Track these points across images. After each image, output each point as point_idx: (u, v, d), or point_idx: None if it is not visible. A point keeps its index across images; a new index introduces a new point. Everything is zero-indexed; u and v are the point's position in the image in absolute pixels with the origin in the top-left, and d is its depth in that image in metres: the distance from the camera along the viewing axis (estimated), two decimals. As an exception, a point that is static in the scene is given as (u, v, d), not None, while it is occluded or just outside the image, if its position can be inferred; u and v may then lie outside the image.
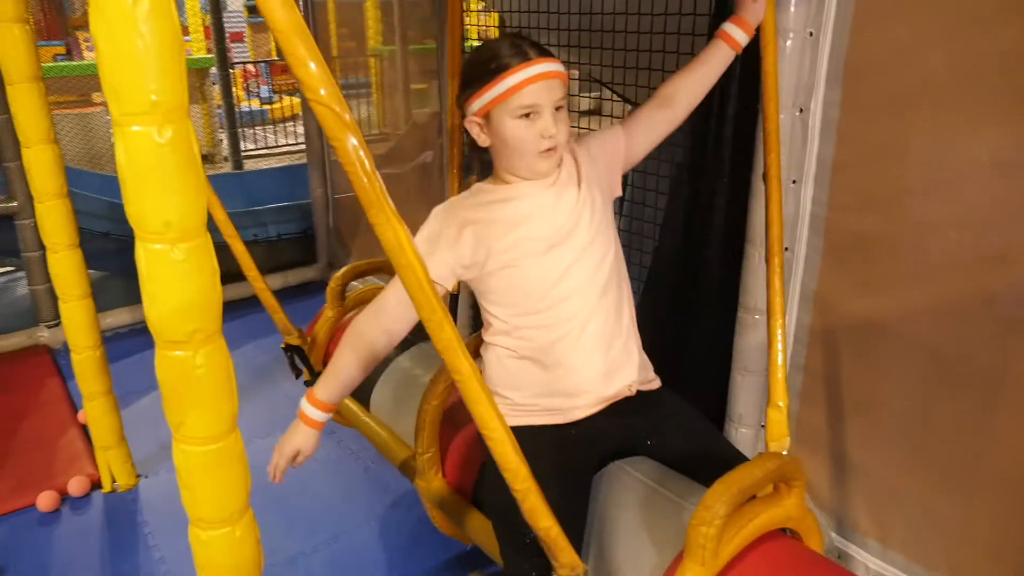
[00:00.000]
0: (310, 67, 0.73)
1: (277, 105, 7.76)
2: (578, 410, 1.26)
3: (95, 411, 2.02)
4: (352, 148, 0.76)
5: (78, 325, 1.90)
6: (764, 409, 1.78)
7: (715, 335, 1.83)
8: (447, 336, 0.86)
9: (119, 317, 3.04)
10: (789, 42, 1.48)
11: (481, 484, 1.45)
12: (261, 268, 1.80)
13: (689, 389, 1.96)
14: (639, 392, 1.32)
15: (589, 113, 4.58)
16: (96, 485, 2.11)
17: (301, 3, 3.34)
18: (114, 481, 2.10)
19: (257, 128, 6.95)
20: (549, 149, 1.18)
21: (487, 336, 1.30)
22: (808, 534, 1.23)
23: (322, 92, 0.74)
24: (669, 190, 1.93)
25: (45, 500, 2.02)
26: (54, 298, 2.76)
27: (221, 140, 6.38)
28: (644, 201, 2.05)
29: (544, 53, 1.18)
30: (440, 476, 1.55)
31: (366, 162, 0.77)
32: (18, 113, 1.73)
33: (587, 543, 1.22)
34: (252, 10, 9.10)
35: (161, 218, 0.80)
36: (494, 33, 2.66)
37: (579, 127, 2.23)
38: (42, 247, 2.71)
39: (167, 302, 0.84)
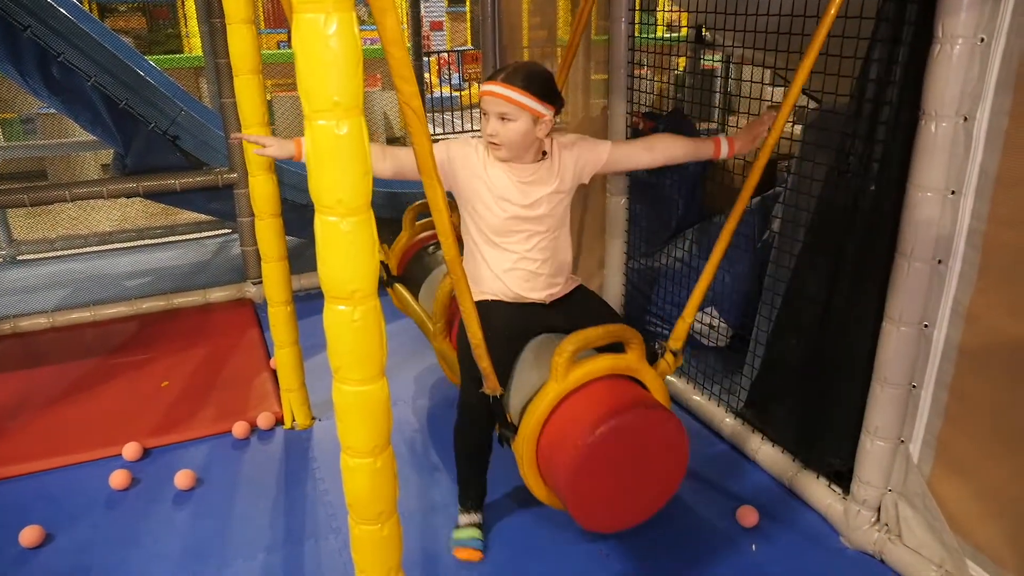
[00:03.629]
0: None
1: (467, 92, 8.17)
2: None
3: (283, 358, 2.33)
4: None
5: (274, 282, 2.21)
6: (903, 422, 1.75)
7: (855, 344, 1.80)
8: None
9: (311, 280, 3.43)
10: (957, 48, 1.43)
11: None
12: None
13: (823, 396, 1.94)
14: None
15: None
16: (279, 421, 2.45)
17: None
18: (294, 420, 2.42)
19: (447, 113, 7.36)
20: (492, 143, 1.68)
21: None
22: (652, 387, 1.74)
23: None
24: (819, 195, 1.91)
25: (239, 428, 2.38)
26: (259, 258, 3.18)
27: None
28: (797, 204, 2.04)
29: (508, 79, 1.64)
30: (446, 339, 2.16)
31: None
32: (241, 99, 2.04)
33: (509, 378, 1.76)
34: (453, 1, 9.57)
35: (335, 196, 0.98)
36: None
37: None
38: (253, 214, 3.13)
39: (334, 265, 1.03)
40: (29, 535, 1.91)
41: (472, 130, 7.07)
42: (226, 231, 4.44)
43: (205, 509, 2.05)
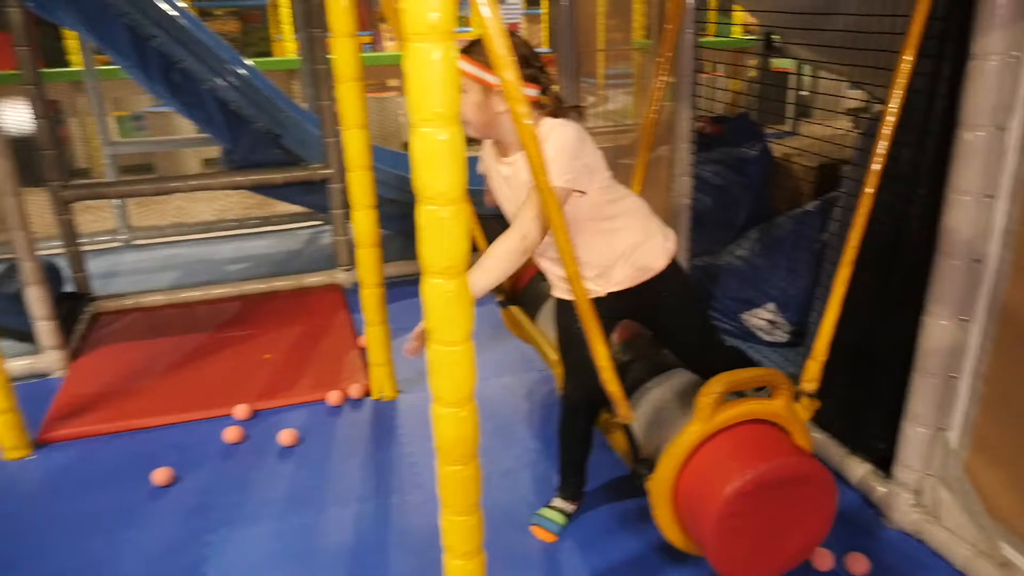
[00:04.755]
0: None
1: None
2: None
3: (372, 335, 2.61)
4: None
5: (368, 267, 2.48)
6: (942, 410, 1.88)
7: (898, 337, 1.94)
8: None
9: (397, 268, 3.71)
10: (991, 64, 1.57)
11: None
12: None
13: (868, 384, 2.09)
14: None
15: (856, 112, 4.51)
16: (368, 392, 2.73)
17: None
18: (381, 391, 2.70)
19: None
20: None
21: None
22: (796, 433, 1.74)
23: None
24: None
25: (333, 397, 2.67)
26: (350, 248, 3.47)
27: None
28: (851, 206, 2.18)
29: (463, 50, 1.57)
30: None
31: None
32: (342, 104, 2.31)
33: (636, 403, 1.83)
34: (530, 2, 9.77)
35: (436, 189, 1.21)
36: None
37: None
38: (345, 206, 3.42)
39: (432, 244, 1.26)
40: (161, 475, 2.24)
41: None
42: (316, 223, 4.79)
43: (305, 463, 2.34)
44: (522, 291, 2.56)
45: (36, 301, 2.82)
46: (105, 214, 4.74)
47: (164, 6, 3.32)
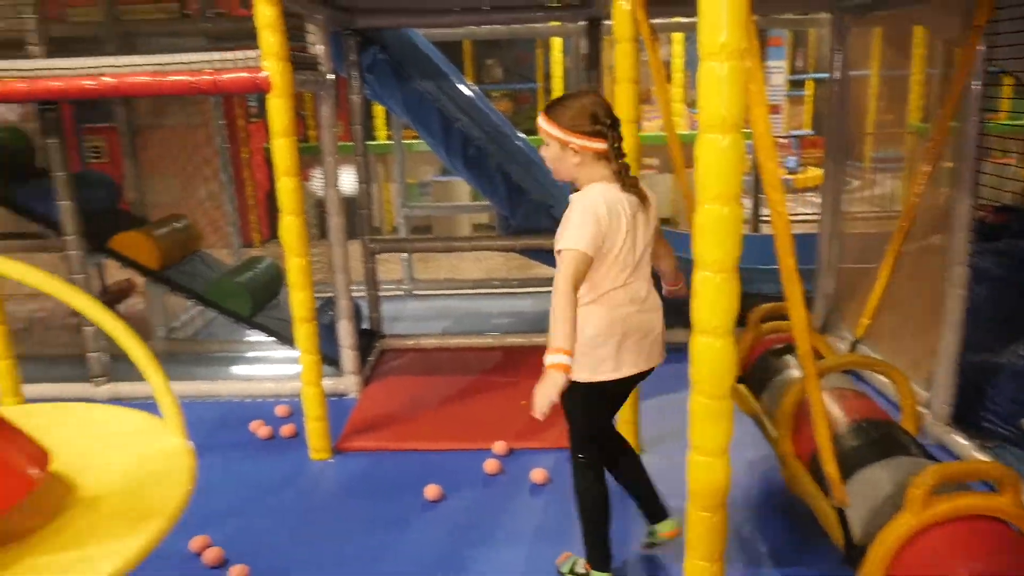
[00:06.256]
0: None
1: (801, 175, 8.23)
2: None
3: (623, 393, 2.78)
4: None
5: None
6: None
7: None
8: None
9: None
10: None
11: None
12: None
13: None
14: None
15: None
16: (613, 447, 2.90)
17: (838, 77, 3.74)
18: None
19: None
20: None
21: None
22: None
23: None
24: None
25: (581, 446, 2.88)
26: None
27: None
28: None
29: (545, 109, 1.87)
30: (790, 446, 2.15)
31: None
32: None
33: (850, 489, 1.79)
34: (793, 84, 9.69)
35: (715, 191, 1.35)
36: None
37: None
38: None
39: (705, 305, 1.42)
40: (432, 492, 2.58)
41: (806, 213, 7.12)
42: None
43: (553, 501, 2.56)
44: (750, 368, 2.61)
45: (345, 333, 3.39)
46: (393, 266, 5.48)
47: (469, 94, 3.89)
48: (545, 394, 1.72)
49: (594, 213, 1.79)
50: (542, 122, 1.86)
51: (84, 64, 2.75)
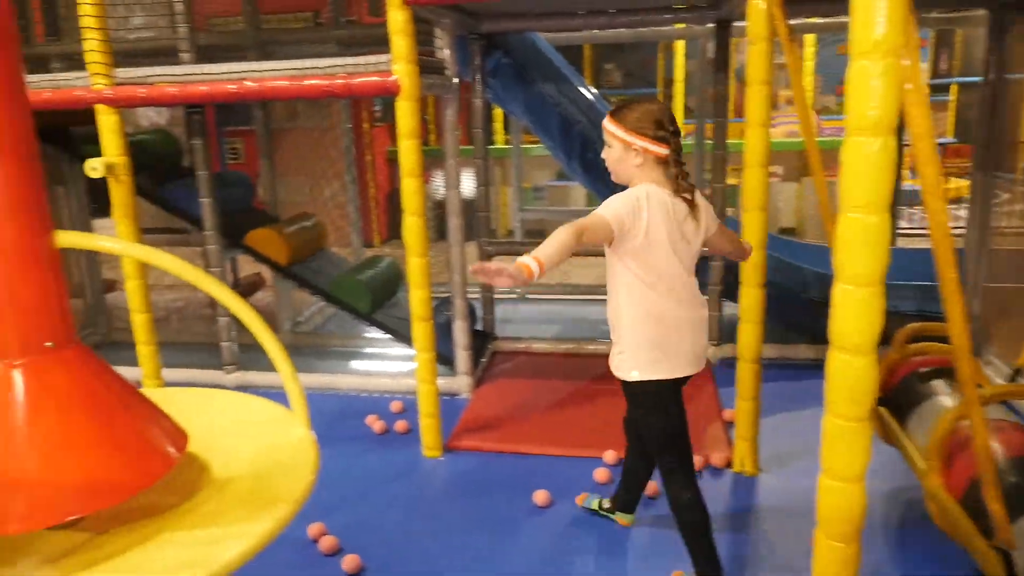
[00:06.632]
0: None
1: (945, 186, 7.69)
2: None
3: (743, 409, 2.67)
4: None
5: (748, 343, 2.57)
6: None
7: None
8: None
9: (774, 350, 3.72)
10: None
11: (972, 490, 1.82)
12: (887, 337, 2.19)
13: None
14: None
15: None
16: (729, 464, 2.78)
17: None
18: (743, 466, 2.74)
19: (916, 208, 7.05)
20: None
21: None
22: None
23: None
24: None
25: (696, 461, 2.74)
26: (720, 323, 3.59)
27: (875, 215, 6.72)
28: None
29: (610, 112, 1.93)
30: (940, 480, 1.97)
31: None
32: (747, 187, 2.46)
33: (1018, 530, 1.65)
34: (936, 88, 9.08)
35: (862, 198, 1.26)
36: None
37: None
38: (721, 283, 3.54)
39: (845, 321, 1.33)
40: (541, 496, 2.57)
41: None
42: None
43: (664, 516, 2.47)
44: (892, 391, 2.43)
45: (460, 333, 3.43)
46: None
47: (589, 97, 3.86)
48: (499, 268, 1.60)
49: (634, 198, 1.85)
50: (607, 123, 1.93)
51: (228, 70, 2.91)
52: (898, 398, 2.39)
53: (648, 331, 1.94)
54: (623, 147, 1.89)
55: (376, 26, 4.67)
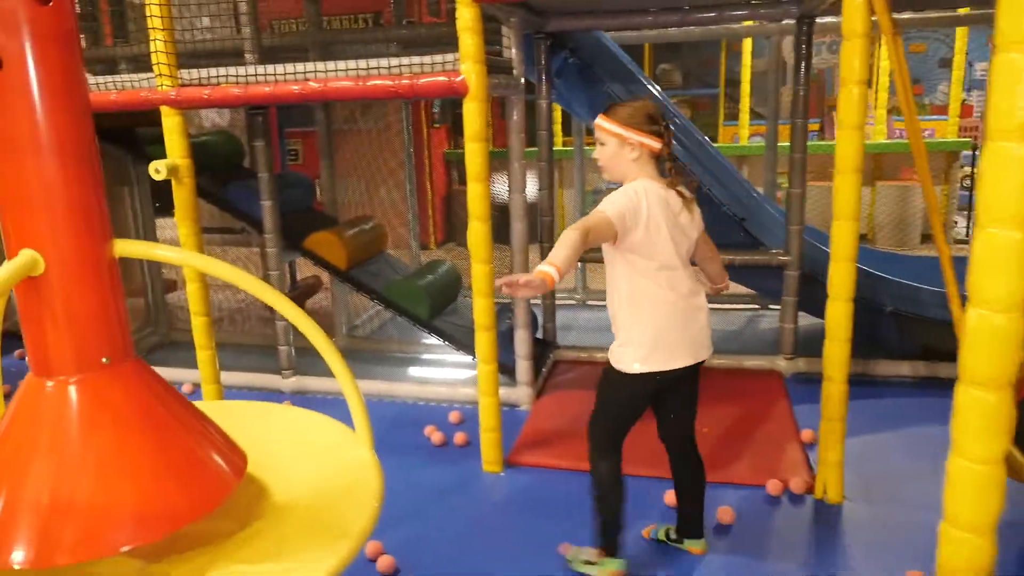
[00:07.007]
0: None
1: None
2: None
3: (828, 431, 2.48)
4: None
5: (836, 361, 2.38)
6: None
7: None
8: None
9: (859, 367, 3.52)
10: None
11: None
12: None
13: None
14: None
15: None
16: (810, 490, 2.60)
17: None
18: (825, 492, 2.55)
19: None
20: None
21: None
22: None
23: None
24: None
25: (773, 486, 2.61)
26: (795, 337, 3.40)
27: (956, 222, 6.41)
28: None
29: (603, 111, 1.97)
30: None
31: None
32: (838, 194, 2.27)
33: None
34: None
35: (1004, 212, 1.11)
36: None
37: None
38: (798, 294, 3.37)
39: (978, 351, 1.17)
40: (609, 520, 2.42)
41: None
42: (754, 306, 4.79)
43: (740, 545, 2.33)
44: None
45: (522, 343, 3.31)
46: (567, 275, 5.37)
47: (657, 96, 3.70)
48: (526, 280, 1.68)
49: (634, 193, 1.89)
50: (600, 121, 1.96)
51: (292, 70, 2.86)
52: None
53: (650, 323, 1.97)
54: (618, 142, 1.94)
55: (437, 26, 4.61)
